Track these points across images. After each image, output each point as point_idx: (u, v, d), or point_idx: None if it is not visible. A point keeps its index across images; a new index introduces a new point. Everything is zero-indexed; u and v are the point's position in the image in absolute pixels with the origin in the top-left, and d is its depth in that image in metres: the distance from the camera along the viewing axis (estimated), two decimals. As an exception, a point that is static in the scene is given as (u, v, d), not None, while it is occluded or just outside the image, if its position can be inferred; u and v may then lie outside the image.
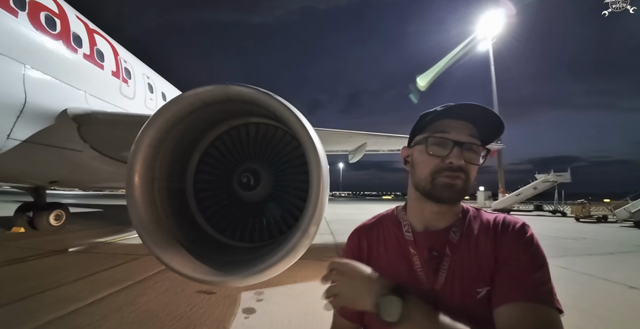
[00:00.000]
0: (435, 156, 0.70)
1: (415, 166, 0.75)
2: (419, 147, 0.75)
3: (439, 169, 0.69)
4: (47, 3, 3.34)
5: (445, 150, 0.69)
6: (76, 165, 3.60)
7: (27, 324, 2.38)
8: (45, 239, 6.31)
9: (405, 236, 0.77)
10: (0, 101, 2.59)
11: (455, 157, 0.68)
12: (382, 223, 0.85)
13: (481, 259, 0.69)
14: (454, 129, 0.71)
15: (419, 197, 0.75)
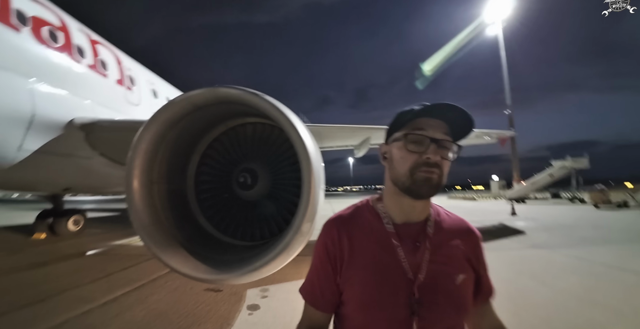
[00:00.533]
0: (413, 152, 0.73)
1: (394, 162, 0.78)
2: (397, 144, 0.77)
3: (417, 165, 0.72)
4: (51, 18, 3.49)
5: (422, 146, 0.72)
6: (87, 172, 3.77)
7: (44, 324, 2.53)
8: (65, 243, 6.61)
9: (387, 228, 0.79)
10: (10, 114, 2.74)
11: (432, 153, 0.71)
12: (359, 214, 0.85)
13: (454, 250, 0.80)
14: (431, 127, 0.74)
15: (397, 192, 0.77)
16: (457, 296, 0.75)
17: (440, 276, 0.75)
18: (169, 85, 6.71)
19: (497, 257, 4.90)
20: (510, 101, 28.15)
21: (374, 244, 0.78)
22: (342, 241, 0.80)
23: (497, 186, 30.64)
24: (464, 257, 0.80)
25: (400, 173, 0.74)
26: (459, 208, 16.25)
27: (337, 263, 0.79)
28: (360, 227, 0.81)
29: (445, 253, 0.78)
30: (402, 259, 0.74)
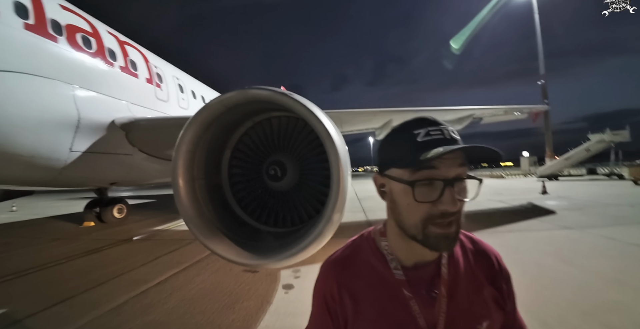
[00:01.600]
0: (423, 202, 0.58)
1: (399, 207, 0.62)
2: (400, 186, 0.61)
3: (431, 217, 0.58)
4: (82, 24, 3.71)
5: (434, 192, 0.57)
6: (129, 167, 4.13)
7: (109, 304, 2.93)
8: (113, 230, 7.30)
9: (395, 275, 0.66)
10: (58, 120, 3.05)
11: (449, 204, 0.56)
12: (361, 257, 0.71)
13: (476, 295, 0.67)
14: (443, 163, 0.57)
15: (404, 235, 0.64)
16: None
17: (461, 327, 0.64)
18: (191, 78, 6.94)
19: (523, 238, 4.88)
20: (544, 70, 26.16)
21: (382, 298, 0.65)
22: (343, 296, 0.67)
23: (528, 163, 29.19)
24: (489, 297, 0.68)
25: (409, 224, 0.61)
26: (483, 187, 15.88)
27: (340, 321, 0.67)
28: (364, 276, 0.68)
29: (466, 297, 0.66)
30: (416, 314, 0.63)
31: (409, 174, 0.59)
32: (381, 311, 0.64)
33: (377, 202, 10.77)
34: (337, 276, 0.70)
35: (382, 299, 0.65)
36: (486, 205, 8.79)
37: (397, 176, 0.61)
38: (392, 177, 0.63)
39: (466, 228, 2.60)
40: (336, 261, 0.72)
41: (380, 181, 0.68)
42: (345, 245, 0.76)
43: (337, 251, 0.75)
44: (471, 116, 8.89)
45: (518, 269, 3.48)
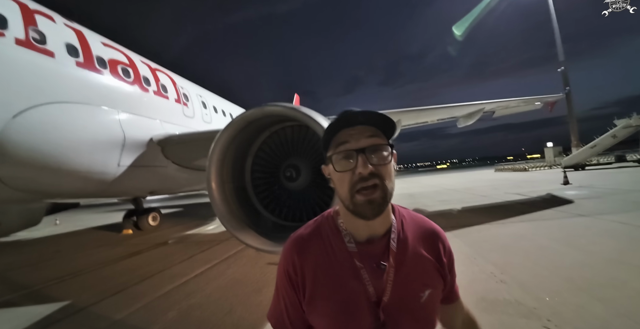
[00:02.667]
0: (345, 172, 0.67)
1: (336, 185, 0.72)
2: (330, 166, 0.72)
3: (354, 184, 0.66)
4: (120, 57, 4.37)
5: (350, 162, 0.67)
6: (165, 177, 4.73)
7: (157, 292, 3.46)
8: (149, 236, 8.02)
9: (349, 248, 0.73)
10: (109, 140, 3.66)
11: (362, 167, 0.65)
12: (321, 233, 0.77)
13: (420, 266, 0.75)
14: (352, 137, 0.68)
15: (349, 213, 0.72)
16: (423, 314, 0.73)
17: (406, 295, 0.71)
18: (212, 94, 7.59)
19: (534, 226, 5.02)
20: (563, 56, 25.22)
21: (337, 268, 0.72)
22: (304, 268, 0.73)
23: (552, 153, 27.95)
24: (432, 267, 0.77)
25: (343, 196, 0.69)
26: (503, 181, 15.63)
27: (301, 291, 0.73)
28: (323, 249, 0.74)
29: (411, 268, 0.74)
30: (366, 282, 0.70)
31: (331, 153, 0.71)
32: (336, 279, 0.71)
33: (393, 201, 10.98)
34: (298, 249, 0.75)
35: (336, 269, 0.72)
36: (503, 198, 8.81)
37: (327, 159, 0.73)
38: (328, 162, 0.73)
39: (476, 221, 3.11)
40: (297, 239, 0.78)
41: (326, 171, 0.76)
42: (307, 224, 0.81)
43: (299, 230, 0.80)
44: (481, 110, 8.98)
45: (521, 253, 3.73)
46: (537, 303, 2.44)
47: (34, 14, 3.36)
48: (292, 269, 0.74)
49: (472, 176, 23.55)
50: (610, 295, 2.45)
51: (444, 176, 29.35)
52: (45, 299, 3.60)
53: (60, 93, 3.29)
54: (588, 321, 2.11)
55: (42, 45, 3.24)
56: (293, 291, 0.74)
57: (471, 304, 2.30)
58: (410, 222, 0.80)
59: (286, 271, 0.75)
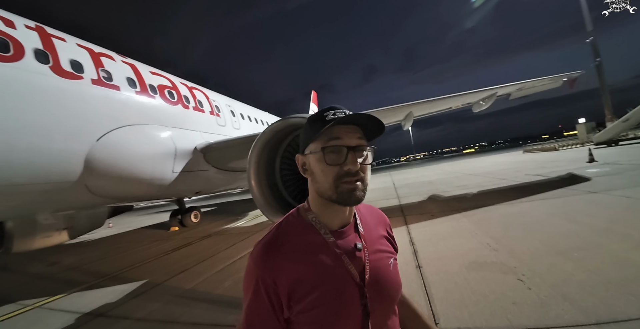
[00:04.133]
0: (333, 165, 0.72)
1: (316, 175, 0.76)
2: (315, 156, 0.75)
3: (339, 176, 0.72)
4: (165, 82, 5.27)
5: (340, 157, 0.72)
6: (207, 179, 5.64)
7: (212, 271, 4.36)
8: (193, 231, 9.15)
9: (326, 239, 0.77)
10: (165, 152, 4.57)
11: (351, 163, 0.71)
12: (291, 233, 0.78)
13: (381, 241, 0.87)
14: (346, 135, 0.73)
15: (325, 203, 0.77)
16: (394, 281, 0.81)
17: (380, 269, 0.79)
18: (238, 102, 8.48)
19: (539, 205, 5.33)
20: (592, 25, 23.65)
21: (320, 260, 0.74)
22: (285, 273, 0.71)
23: (585, 130, 26.31)
24: (386, 240, 0.89)
25: (325, 186, 0.74)
26: (528, 163, 15.39)
27: (285, 298, 0.70)
28: (300, 247, 0.75)
29: (377, 245, 0.84)
30: (348, 266, 0.74)
31: (321, 145, 0.73)
32: (322, 271, 0.72)
33: (412, 188, 11.41)
34: (270, 258, 0.72)
35: (319, 261, 0.73)
36: (520, 180, 8.98)
37: (313, 150, 0.75)
38: (310, 152, 0.76)
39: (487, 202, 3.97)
40: (266, 245, 0.75)
41: (301, 160, 0.80)
42: (270, 230, 0.79)
43: (265, 237, 0.77)
44: (493, 95, 9.12)
45: (518, 228, 4.21)
46: (519, 263, 2.98)
47: (99, 57, 4.27)
48: (269, 277, 0.70)
49: (497, 159, 23.11)
50: (584, 256, 2.90)
51: (469, 161, 28.83)
52: (125, 281, 4.63)
53: (127, 118, 4.21)
54: (556, 274, 2.62)
55: (110, 82, 4.16)
56: (268, 301, 0.70)
57: (464, 266, 2.92)
58: (363, 208, 0.92)
59: (260, 280, 0.71)
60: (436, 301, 2.49)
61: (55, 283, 5.10)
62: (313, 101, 23.81)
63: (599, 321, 1.93)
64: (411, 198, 8.75)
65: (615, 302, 2.09)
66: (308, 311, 0.70)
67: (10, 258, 7.83)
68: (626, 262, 2.65)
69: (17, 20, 3.38)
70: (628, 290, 2.21)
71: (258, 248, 0.75)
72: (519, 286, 2.53)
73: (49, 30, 3.66)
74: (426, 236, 4.47)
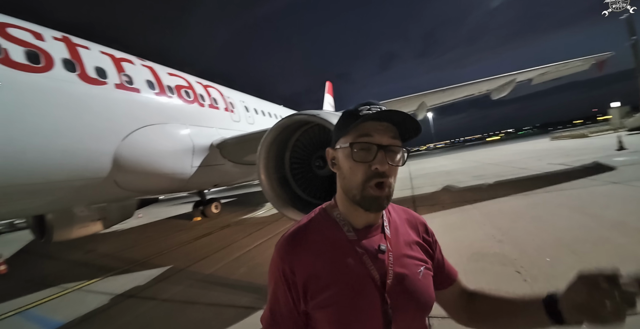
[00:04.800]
0: (361, 162, 0.69)
1: (343, 171, 0.74)
2: (343, 151, 0.73)
3: (368, 178, 0.69)
4: (182, 82, 5.55)
5: (370, 155, 0.69)
6: (224, 173, 5.96)
7: (230, 257, 4.69)
8: (214, 221, 9.66)
9: (349, 237, 0.75)
10: (184, 149, 4.89)
11: (379, 163, 0.68)
12: (316, 227, 0.78)
13: (411, 246, 0.81)
14: (378, 132, 0.70)
15: (350, 202, 0.75)
16: (423, 291, 0.75)
17: (406, 276, 0.74)
18: (252, 97, 8.71)
19: (555, 196, 5.20)
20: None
21: (340, 258, 0.72)
22: (303, 266, 0.71)
23: (618, 114, 24.51)
24: (420, 249, 0.82)
25: (352, 185, 0.71)
26: (553, 150, 14.73)
27: (301, 290, 0.70)
28: (321, 242, 0.75)
29: (405, 250, 0.79)
30: (369, 267, 0.72)
31: (351, 141, 0.71)
32: (340, 268, 0.71)
33: (428, 179, 11.32)
34: (295, 247, 0.74)
35: (339, 258, 0.72)
36: (541, 170, 8.69)
37: (342, 144, 0.73)
38: (340, 147, 0.74)
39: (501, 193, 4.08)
40: (290, 237, 0.76)
41: (331, 154, 0.78)
42: (297, 223, 0.80)
43: (290, 229, 0.79)
44: (512, 81, 8.78)
45: (528, 219, 4.21)
46: (520, 255, 3.03)
47: (120, 62, 4.58)
48: (290, 269, 0.71)
49: (521, 148, 22.18)
50: (588, 250, 2.90)
51: (491, 149, 27.87)
52: (153, 266, 5.08)
53: (148, 118, 4.53)
54: (555, 268, 2.66)
55: (131, 85, 4.48)
56: (289, 291, 0.71)
57: (465, 257, 3.01)
58: (394, 211, 0.87)
59: (283, 271, 0.72)
60: (432, 290, 2.63)
61: (92, 268, 5.68)
62: (328, 91, 23.66)
63: None
64: (425, 189, 8.74)
65: None
66: (324, 308, 0.69)
67: (51, 247, 8.68)
68: (630, 257, 2.63)
69: (45, 32, 3.71)
70: None
71: (282, 240, 0.76)
72: (515, 277, 2.61)
73: (74, 39, 3.98)
74: (433, 227, 4.41)
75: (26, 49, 3.35)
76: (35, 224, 6.93)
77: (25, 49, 3.34)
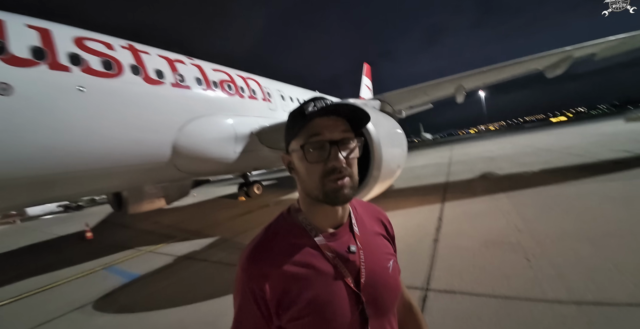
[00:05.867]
0: (316, 163, 0.67)
1: (300, 175, 0.72)
2: (297, 154, 0.70)
3: (326, 174, 0.67)
4: (224, 77, 6.15)
5: (323, 153, 0.67)
6: (262, 158, 6.59)
7: None
8: (256, 201, 10.63)
9: (317, 241, 0.72)
10: (228, 137, 5.54)
11: (335, 160, 0.66)
12: (280, 236, 0.73)
13: (379, 241, 0.82)
14: (327, 128, 0.67)
15: (314, 202, 0.72)
16: (393, 284, 0.77)
17: (377, 271, 0.74)
18: (288, 85, 9.16)
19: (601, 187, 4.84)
20: None
21: (310, 265, 0.69)
22: (272, 280, 0.67)
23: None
24: (385, 240, 0.84)
25: (311, 186, 0.69)
26: (624, 135, 12.91)
27: (273, 305, 0.66)
28: (289, 252, 0.70)
29: (374, 245, 0.79)
30: (342, 270, 0.70)
31: (302, 142, 0.68)
32: (311, 276, 0.68)
33: (468, 165, 10.90)
34: (258, 264, 0.69)
35: (310, 266, 0.69)
36: (600, 157, 7.78)
37: (294, 148, 0.70)
38: (293, 149, 0.71)
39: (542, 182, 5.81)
40: (254, 250, 0.71)
41: (287, 159, 0.76)
42: (260, 232, 0.76)
43: (254, 240, 0.74)
44: (569, 58, 7.87)
45: (558, 210, 4.09)
46: (535, 245, 3.07)
47: (174, 63, 5.26)
48: (256, 284, 0.67)
49: (586, 130, 19.65)
50: (609, 244, 2.79)
51: (551, 132, 25.05)
52: (205, 236, 6.03)
53: (198, 111, 5.22)
54: (566, 258, 2.66)
55: (183, 83, 5.17)
56: (257, 309, 0.67)
57: (478, 243, 3.19)
58: (359, 207, 0.86)
59: (249, 289, 0.67)
60: (436, 269, 2.90)
61: (158, 236, 6.87)
62: (366, 74, 23.06)
63: (580, 301, 2.06)
64: (461, 175, 8.54)
65: (610, 287, 2.15)
66: (298, 319, 0.65)
67: (126, 218, 10.43)
68: None
69: (114, 41, 4.46)
70: (633, 279, 2.21)
71: (245, 253, 0.71)
72: (522, 264, 2.73)
73: (137, 46, 4.70)
74: (457, 214, 4.65)
75: (101, 59, 4.12)
76: (113, 199, 8.43)
77: (100, 59, 4.10)
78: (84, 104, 3.73)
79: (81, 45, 3.99)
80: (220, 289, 3.24)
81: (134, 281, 4.05)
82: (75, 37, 4.01)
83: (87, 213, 18.88)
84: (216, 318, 2.71)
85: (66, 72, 3.69)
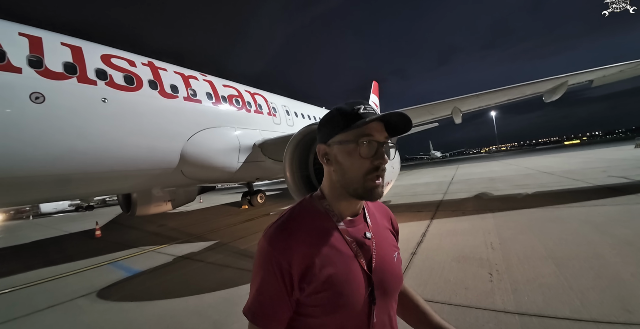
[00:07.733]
0: (365, 158, 0.75)
1: (343, 167, 0.77)
2: (344, 148, 0.76)
3: (369, 171, 0.75)
4: (233, 92, 6.69)
5: (372, 150, 0.75)
6: (264, 168, 7.01)
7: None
8: (258, 209, 10.97)
9: (338, 226, 0.80)
10: (232, 147, 5.99)
11: (382, 159, 0.75)
12: (303, 219, 0.79)
13: (387, 234, 0.92)
14: (377, 130, 0.77)
15: (344, 194, 0.80)
16: (398, 273, 0.85)
17: (386, 259, 0.82)
18: (294, 101, 9.68)
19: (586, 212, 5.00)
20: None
21: (331, 245, 0.76)
22: (298, 255, 0.72)
23: None
24: (392, 234, 0.94)
25: (353, 179, 0.76)
26: (629, 161, 12.89)
27: (297, 279, 0.71)
28: (312, 231, 0.77)
29: (383, 237, 0.88)
30: (357, 253, 0.78)
31: (354, 138, 0.75)
32: (332, 255, 0.75)
33: (467, 185, 11.06)
34: (285, 240, 0.73)
35: (331, 246, 0.76)
36: (596, 182, 7.93)
37: (342, 140, 0.77)
38: (340, 141, 0.77)
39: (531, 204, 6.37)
40: (282, 225, 0.76)
41: (323, 150, 0.82)
42: (282, 214, 0.81)
43: (277, 220, 0.79)
44: (564, 84, 8.07)
45: (536, 232, 4.28)
46: (503, 262, 3.30)
47: (188, 79, 5.81)
48: (284, 258, 0.71)
49: (593, 155, 19.51)
50: (573, 265, 2.97)
51: (560, 155, 24.92)
52: (205, 240, 6.36)
53: (206, 123, 5.71)
54: (527, 275, 2.87)
55: (195, 98, 5.70)
56: (282, 280, 0.70)
57: (451, 258, 3.44)
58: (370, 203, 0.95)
59: (275, 261, 0.71)
60: (405, 278, 3.15)
61: (162, 237, 7.26)
62: (373, 91, 23.73)
63: (524, 312, 2.26)
64: (458, 195, 8.74)
65: (557, 303, 2.34)
66: (318, 293, 0.71)
67: (134, 220, 10.92)
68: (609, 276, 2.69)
69: (136, 59, 5.04)
70: (581, 297, 2.37)
71: (272, 230, 0.75)
72: (484, 278, 2.97)
73: (156, 63, 5.28)
74: (441, 231, 4.89)
75: (124, 74, 4.67)
76: (123, 201, 8.93)
77: (123, 74, 4.66)
78: (105, 113, 4.25)
79: (107, 62, 4.55)
80: (210, 286, 3.57)
81: (135, 276, 4.41)
82: (103, 54, 4.58)
83: (97, 213, 19.59)
84: (203, 309, 3.03)
85: (93, 85, 4.23)
